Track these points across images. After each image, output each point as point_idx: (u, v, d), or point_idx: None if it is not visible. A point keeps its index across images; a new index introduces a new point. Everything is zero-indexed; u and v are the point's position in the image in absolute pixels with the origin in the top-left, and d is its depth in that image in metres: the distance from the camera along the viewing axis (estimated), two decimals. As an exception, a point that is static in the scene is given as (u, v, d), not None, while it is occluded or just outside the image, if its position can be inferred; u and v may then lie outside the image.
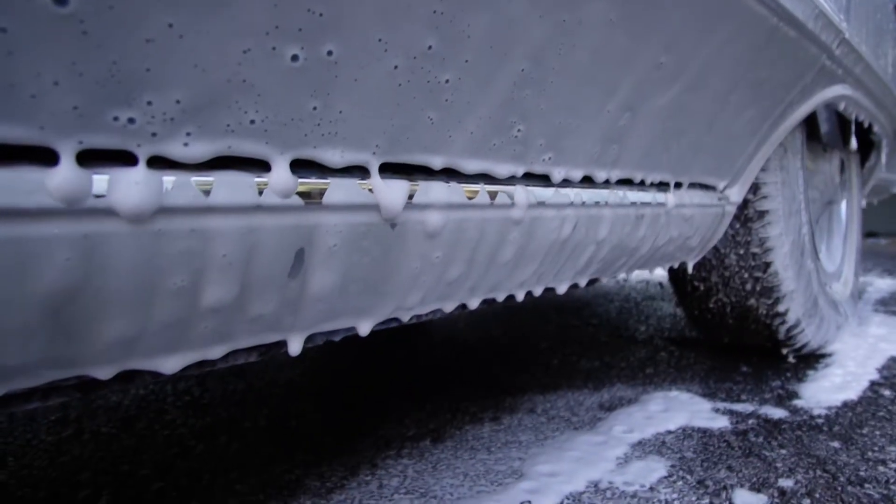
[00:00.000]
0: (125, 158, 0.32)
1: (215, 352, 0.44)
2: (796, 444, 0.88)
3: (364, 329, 0.52)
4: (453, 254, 0.54)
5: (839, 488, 0.73)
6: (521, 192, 0.57)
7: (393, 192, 0.45)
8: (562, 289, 0.78)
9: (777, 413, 1.02)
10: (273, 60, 0.35)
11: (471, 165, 0.51)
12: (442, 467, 0.87)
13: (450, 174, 0.51)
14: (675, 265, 1.10)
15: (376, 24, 0.38)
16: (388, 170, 0.46)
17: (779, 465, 0.81)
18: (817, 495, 0.71)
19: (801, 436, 0.91)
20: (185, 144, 0.34)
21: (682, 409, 1.06)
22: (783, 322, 1.25)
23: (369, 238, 0.45)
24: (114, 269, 0.33)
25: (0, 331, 0.32)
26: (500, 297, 0.68)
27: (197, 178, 0.34)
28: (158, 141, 0.33)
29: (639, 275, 3.52)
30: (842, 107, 1.17)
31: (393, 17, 0.38)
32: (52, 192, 0.29)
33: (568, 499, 0.74)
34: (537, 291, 0.74)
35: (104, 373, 0.39)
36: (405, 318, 0.57)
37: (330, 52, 0.37)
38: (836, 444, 0.88)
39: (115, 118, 0.31)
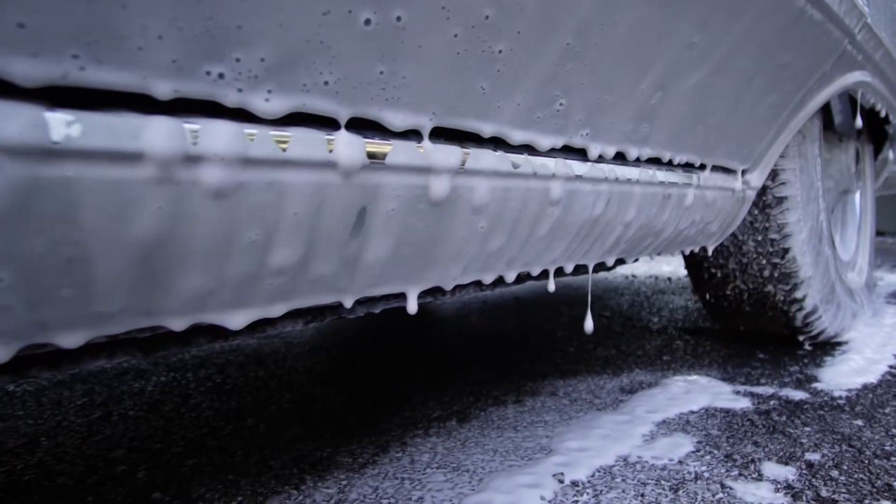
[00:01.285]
0: (213, 111, 0.34)
1: (276, 310, 0.46)
2: (819, 422, 0.90)
3: (412, 295, 0.54)
4: (497, 224, 0.56)
5: (866, 461, 0.74)
6: (562, 165, 0.58)
7: (447, 156, 0.46)
8: (591, 265, 0.79)
9: (798, 395, 1.04)
10: (348, 23, 0.36)
11: (517, 136, 0.53)
12: (471, 444, 0.88)
13: (496, 144, 0.53)
14: (696, 249, 1.12)
15: (441, -9, 0.39)
16: (440, 135, 0.48)
17: (804, 440, 0.82)
18: (845, 467, 0.73)
19: (824, 415, 0.93)
20: (266, 100, 0.36)
21: (702, 392, 1.07)
22: (801, 308, 1.26)
23: (424, 202, 0.47)
24: (199, 219, 0.35)
25: (95, 275, 0.34)
26: (535, 272, 0.69)
27: (275, 133, 0.36)
28: (243, 96, 0.34)
29: (647, 270, 3.53)
30: (860, 94, 1.19)
31: (456, -15, 0.40)
32: (150, 138, 0.31)
33: (599, 471, 0.76)
34: (568, 268, 0.76)
35: (178, 324, 0.40)
36: (448, 287, 0.59)
37: (399, 18, 0.39)
38: (859, 422, 0.89)
39: (208, 72, 0.33)
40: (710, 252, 1.14)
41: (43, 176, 0.29)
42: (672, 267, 3.65)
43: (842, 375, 1.15)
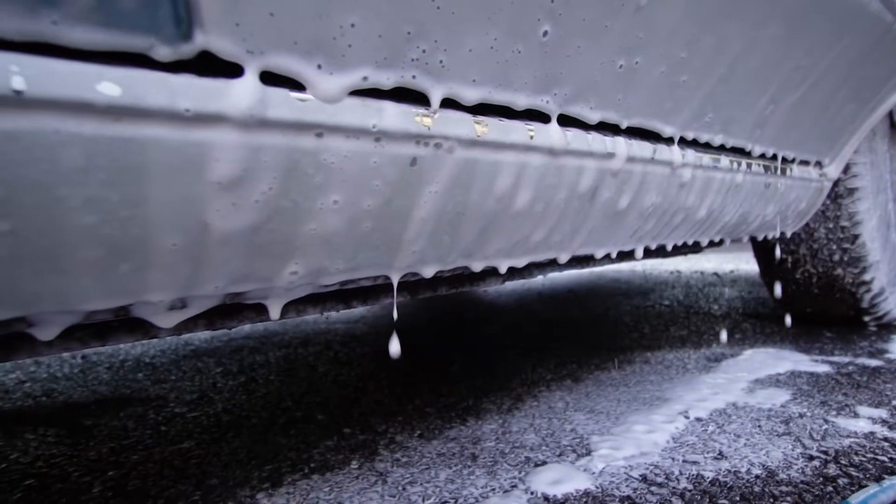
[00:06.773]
0: (539, 118, 0.56)
1: (522, 261, 0.67)
2: None
3: (598, 255, 0.76)
4: (662, 207, 0.77)
5: (940, 405, 0.94)
6: (708, 160, 0.80)
7: (644, 150, 0.68)
8: (704, 243, 1.00)
9: (873, 362, 1.24)
10: (610, 68, 0.58)
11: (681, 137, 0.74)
12: (593, 396, 1.10)
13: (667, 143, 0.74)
14: (777, 234, 1.32)
15: (663, 43, 0.61)
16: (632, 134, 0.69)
17: (888, 393, 1.02)
18: (924, 407, 0.93)
19: (898, 375, 1.13)
20: (559, 116, 0.57)
21: (783, 360, 1.28)
22: (868, 290, 1.46)
23: (627, 184, 0.68)
24: (520, 194, 0.57)
25: (462, 228, 0.55)
26: (669, 246, 0.91)
27: (567, 132, 0.58)
28: (554, 113, 0.56)
29: (690, 266, 3.72)
30: (925, 96, 1.38)
31: (671, 38, 0.61)
32: (514, 135, 0.53)
33: (715, 412, 0.96)
34: (689, 242, 0.97)
35: (478, 266, 0.62)
36: (614, 254, 0.81)
37: (637, 62, 0.60)
38: (930, 380, 1.09)
39: (542, 99, 0.54)
40: (788, 236, 1.34)
41: (465, 158, 0.50)
42: (713, 264, 3.83)
43: (909, 348, 1.34)
